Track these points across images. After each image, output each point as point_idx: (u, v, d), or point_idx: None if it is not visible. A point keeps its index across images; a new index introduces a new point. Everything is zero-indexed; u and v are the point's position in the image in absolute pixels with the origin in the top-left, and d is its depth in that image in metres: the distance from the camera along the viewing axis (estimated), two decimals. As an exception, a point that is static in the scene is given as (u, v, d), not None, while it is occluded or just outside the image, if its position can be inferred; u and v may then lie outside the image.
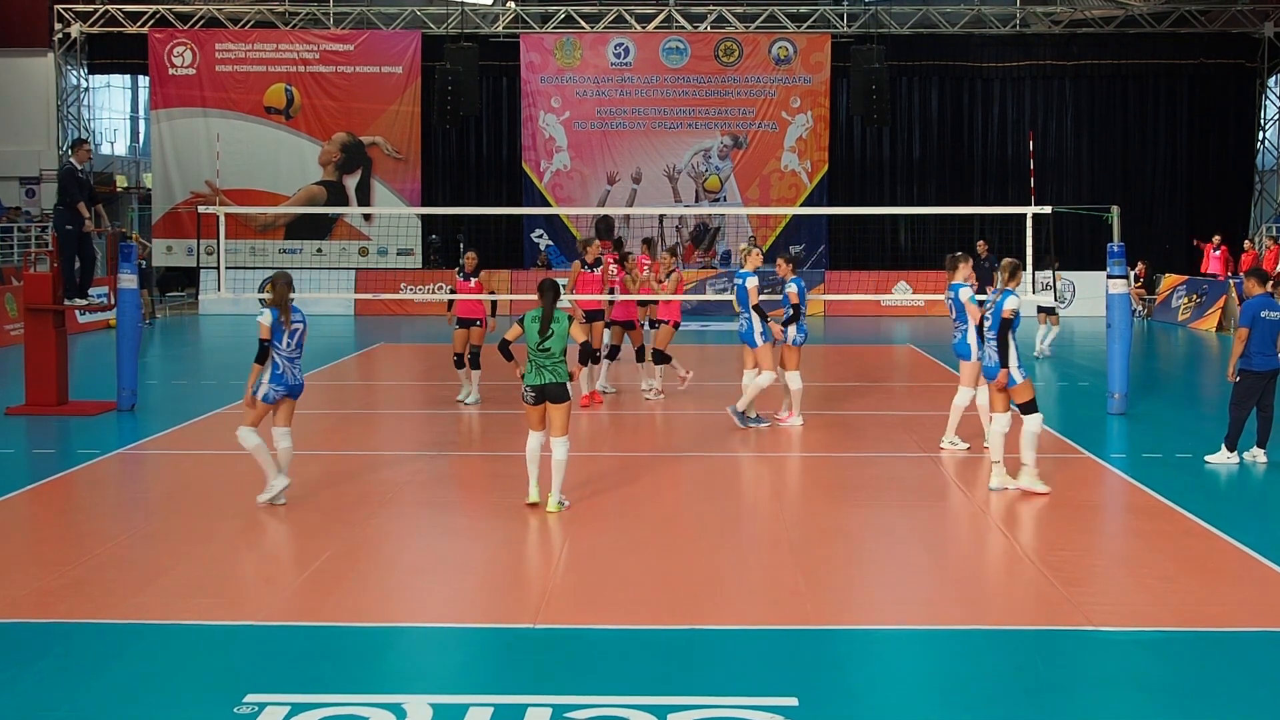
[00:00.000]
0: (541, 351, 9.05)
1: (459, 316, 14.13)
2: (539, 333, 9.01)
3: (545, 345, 9.03)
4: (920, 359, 19.44)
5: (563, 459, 9.15)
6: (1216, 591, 7.42)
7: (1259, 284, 11.04)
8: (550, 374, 9.07)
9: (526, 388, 9.15)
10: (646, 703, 5.66)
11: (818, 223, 29.35)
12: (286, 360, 9.36)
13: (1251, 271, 11.34)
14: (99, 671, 6.07)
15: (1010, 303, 9.81)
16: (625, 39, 29.51)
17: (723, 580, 7.63)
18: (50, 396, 13.67)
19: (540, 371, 9.09)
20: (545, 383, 9.07)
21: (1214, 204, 29.84)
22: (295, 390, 9.42)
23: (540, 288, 9.15)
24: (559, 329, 9.03)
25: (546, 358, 9.06)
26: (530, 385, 9.13)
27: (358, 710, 5.59)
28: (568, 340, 9.11)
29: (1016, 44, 30.01)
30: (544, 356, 9.05)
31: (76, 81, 30.87)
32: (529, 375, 9.14)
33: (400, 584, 7.66)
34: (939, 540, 8.78)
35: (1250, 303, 10.97)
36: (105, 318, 21.24)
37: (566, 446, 9.16)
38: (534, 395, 9.12)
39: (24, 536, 8.82)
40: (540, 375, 9.09)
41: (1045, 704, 5.77)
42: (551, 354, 9.05)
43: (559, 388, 9.09)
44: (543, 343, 9.02)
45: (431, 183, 30.07)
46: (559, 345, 9.05)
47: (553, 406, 9.13)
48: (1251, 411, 10.89)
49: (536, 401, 9.14)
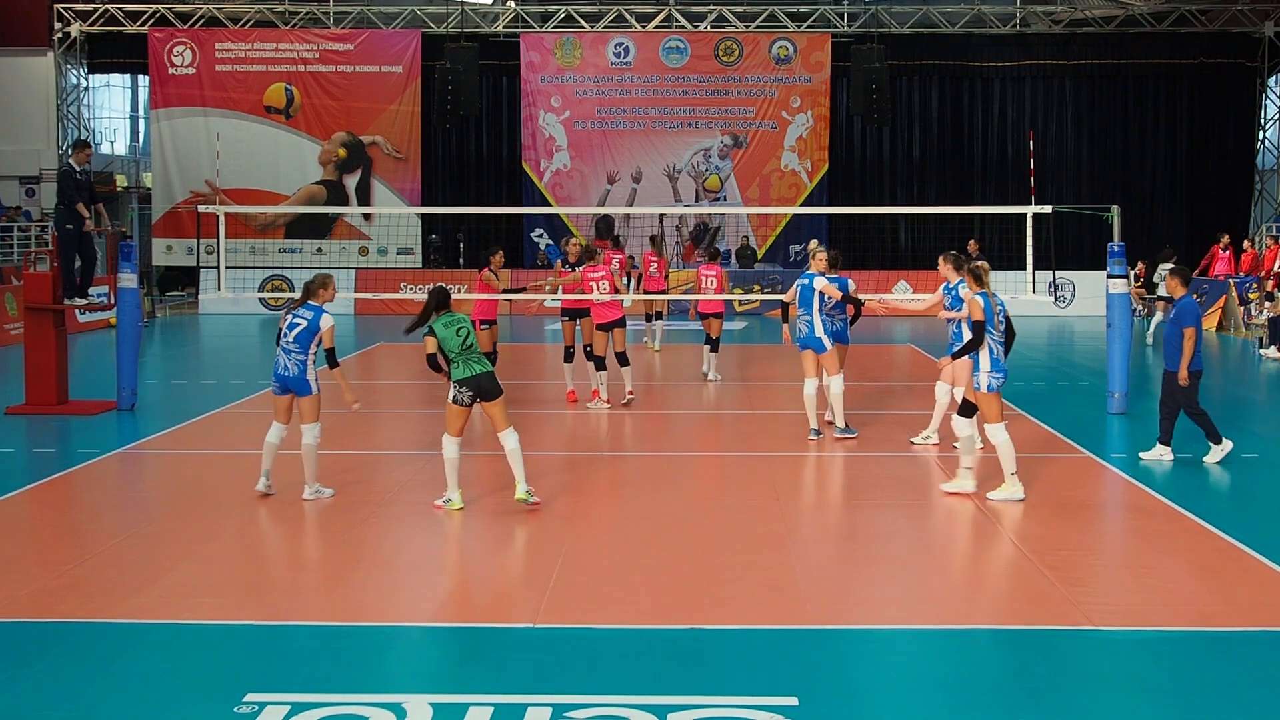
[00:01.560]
0: (468, 349, 9.06)
1: (483, 319, 14.09)
2: (457, 334, 9.06)
3: (469, 342, 9.08)
4: (920, 358, 19.43)
5: (515, 448, 9.14)
6: (1217, 591, 7.42)
7: (1183, 284, 11.00)
8: (478, 365, 9.09)
9: (460, 387, 9.05)
10: (646, 702, 5.66)
11: (818, 222, 29.33)
12: (282, 351, 9.43)
13: (1176, 271, 11.20)
14: (99, 671, 6.07)
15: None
16: (625, 38, 29.51)
17: (723, 580, 7.63)
18: (50, 396, 13.67)
19: (469, 364, 9.07)
20: (478, 373, 9.05)
21: (1214, 204, 29.84)
22: (284, 382, 9.47)
23: (438, 295, 9.27)
24: (468, 323, 9.14)
25: (472, 353, 9.08)
26: (460, 380, 9.04)
27: (358, 710, 5.59)
28: None
29: (1017, 43, 30.01)
30: (470, 353, 9.08)
31: (76, 81, 30.88)
32: (457, 370, 9.07)
33: (400, 583, 7.65)
34: (939, 540, 8.77)
35: (1191, 304, 10.91)
36: (106, 317, 21.24)
37: (515, 436, 9.15)
38: (470, 394, 9.07)
39: (24, 536, 8.81)
40: (470, 368, 9.07)
41: (1045, 703, 5.77)
42: (473, 349, 9.09)
43: (490, 378, 9.09)
44: (466, 340, 9.06)
45: (431, 182, 30.08)
46: (476, 339, 9.16)
47: (487, 405, 9.13)
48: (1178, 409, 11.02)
49: (472, 400, 9.10)
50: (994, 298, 9.72)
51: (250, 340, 22.79)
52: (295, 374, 9.45)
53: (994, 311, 9.61)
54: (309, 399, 9.50)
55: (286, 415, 9.58)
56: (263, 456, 9.66)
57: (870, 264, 26.93)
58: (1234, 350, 21.30)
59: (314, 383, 9.52)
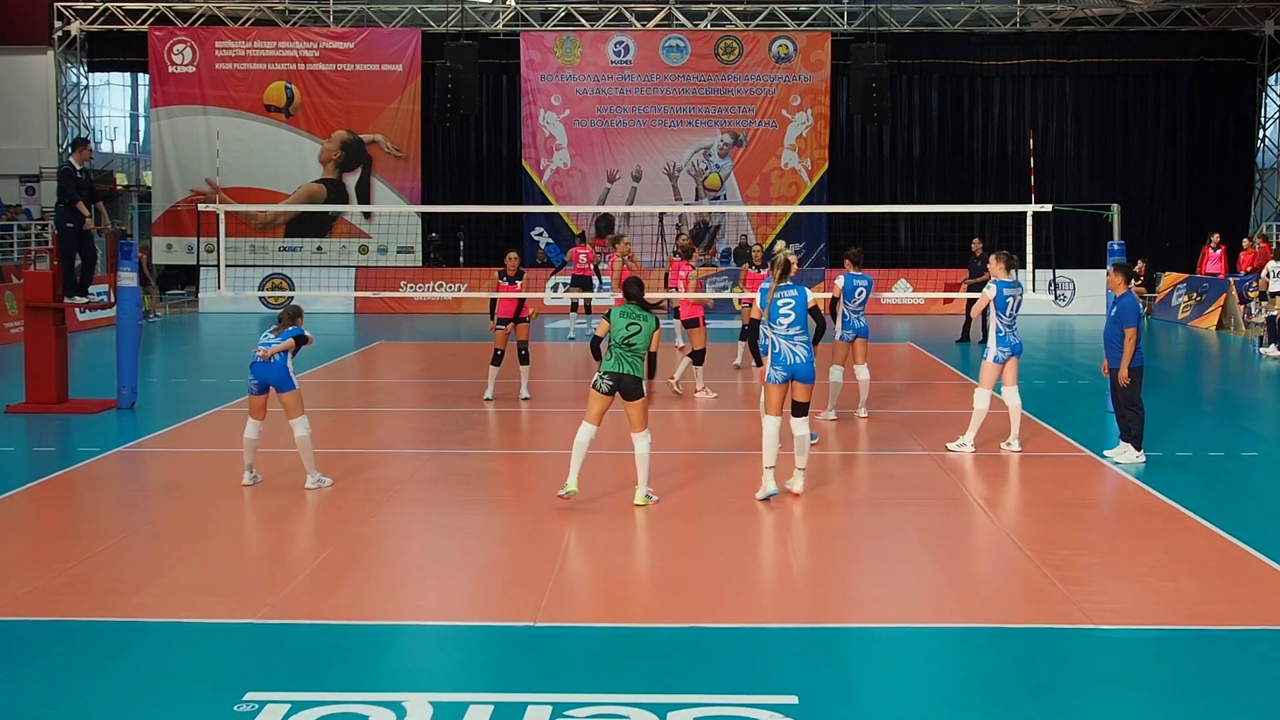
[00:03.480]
0: (627, 346, 9.08)
1: (500, 317, 14.12)
2: (626, 326, 9.08)
3: (631, 340, 9.07)
4: (921, 357, 19.44)
5: (645, 452, 9.18)
6: (1216, 589, 7.42)
7: (1126, 281, 11.00)
8: (629, 365, 9.10)
9: (603, 374, 9.14)
10: (646, 701, 5.66)
11: (818, 221, 29.37)
12: (262, 347, 9.67)
13: (1119, 266, 11.16)
14: (99, 670, 6.07)
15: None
16: (625, 37, 29.50)
17: (723, 579, 7.64)
18: (50, 394, 13.67)
19: (620, 361, 9.11)
20: (623, 372, 9.08)
21: (1214, 202, 29.86)
22: (264, 377, 9.63)
23: (629, 284, 9.30)
24: (645, 326, 9.09)
25: (629, 351, 9.08)
26: (607, 371, 9.12)
27: (358, 708, 5.59)
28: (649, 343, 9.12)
29: (1017, 42, 30.02)
30: (628, 350, 9.08)
31: (76, 79, 30.88)
32: (608, 362, 9.15)
33: (400, 582, 7.66)
34: (939, 538, 8.77)
35: (1133, 301, 10.89)
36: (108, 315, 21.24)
37: (648, 440, 9.19)
38: (609, 384, 9.11)
39: (24, 535, 8.82)
40: (620, 364, 9.10)
41: (1045, 702, 5.77)
42: (635, 348, 9.08)
43: (634, 381, 9.10)
44: (629, 337, 9.07)
45: (431, 181, 30.09)
46: (643, 341, 9.09)
47: (627, 403, 9.16)
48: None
49: (610, 391, 9.13)
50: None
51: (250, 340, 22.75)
52: (276, 369, 9.61)
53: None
54: (291, 394, 9.67)
55: (262, 412, 9.79)
56: (244, 453, 9.85)
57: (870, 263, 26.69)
58: (1233, 349, 21.30)
59: (294, 377, 9.75)
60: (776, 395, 9.51)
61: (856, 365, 12.86)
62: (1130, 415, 10.87)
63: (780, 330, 9.45)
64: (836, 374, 12.85)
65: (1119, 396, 10.92)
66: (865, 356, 12.90)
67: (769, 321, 9.50)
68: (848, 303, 12.70)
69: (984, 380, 11.28)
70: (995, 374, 11.28)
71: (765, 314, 9.55)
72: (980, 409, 11.25)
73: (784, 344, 9.43)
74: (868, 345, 12.92)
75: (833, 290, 12.82)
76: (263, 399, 9.75)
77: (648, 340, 9.11)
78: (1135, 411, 10.86)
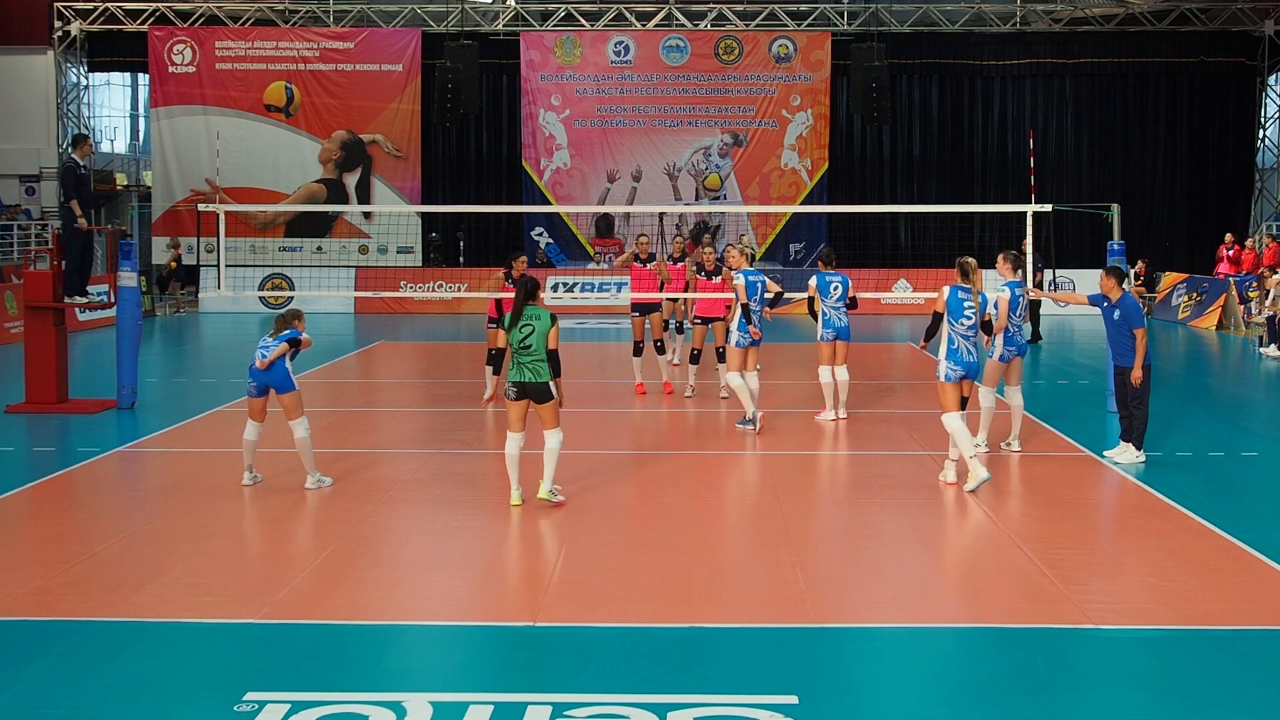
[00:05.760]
0: (521, 349, 9.04)
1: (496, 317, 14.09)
2: (520, 328, 9.01)
3: (526, 343, 9.01)
4: (920, 357, 19.42)
5: (555, 447, 9.18)
6: (1216, 589, 7.42)
7: (1120, 284, 10.98)
8: (530, 372, 9.05)
9: (509, 383, 9.16)
10: (646, 701, 5.66)
11: (818, 221, 29.38)
12: (260, 351, 9.70)
13: (1111, 271, 11.12)
14: (99, 669, 6.07)
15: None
16: (625, 37, 29.50)
17: (723, 578, 7.64)
18: (50, 394, 13.67)
19: (521, 369, 9.07)
20: (525, 380, 9.05)
21: (1214, 202, 29.86)
22: (264, 380, 9.64)
23: (518, 285, 9.26)
24: (539, 326, 8.99)
25: (526, 355, 9.04)
26: (512, 381, 9.12)
27: (358, 708, 5.59)
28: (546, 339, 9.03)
29: (1017, 42, 30.02)
30: (524, 354, 9.05)
31: (76, 79, 30.88)
32: (511, 372, 9.14)
33: (400, 582, 7.66)
34: (938, 538, 8.77)
35: (1135, 303, 10.90)
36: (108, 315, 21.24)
37: (559, 436, 9.19)
38: (516, 391, 9.10)
39: (24, 534, 8.81)
40: (521, 373, 9.07)
41: (1045, 702, 5.77)
42: (531, 351, 9.02)
43: (540, 388, 9.06)
44: (523, 340, 9.01)
45: (431, 181, 30.09)
46: (538, 343, 9.00)
47: (537, 405, 9.14)
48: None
49: (518, 397, 9.12)
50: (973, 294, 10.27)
51: (250, 339, 22.75)
52: (276, 371, 9.62)
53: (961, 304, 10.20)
54: (291, 395, 9.70)
55: (262, 414, 9.82)
56: (244, 454, 9.89)
57: (870, 262, 26.95)
58: (1234, 349, 21.30)
59: (293, 379, 9.78)
60: (954, 392, 9.99)
61: (835, 366, 12.91)
62: (1137, 415, 10.87)
63: (961, 330, 10.01)
64: (825, 374, 12.89)
65: (1130, 396, 10.89)
66: (845, 358, 12.95)
67: (951, 320, 9.99)
68: (825, 300, 12.84)
69: (988, 379, 11.29)
70: (999, 373, 11.29)
71: (945, 311, 10.00)
72: (987, 407, 11.25)
73: (963, 342, 10.01)
74: (849, 347, 12.94)
75: (808, 290, 13.02)
76: (262, 401, 9.77)
77: (543, 340, 9.01)
78: (1143, 411, 10.86)
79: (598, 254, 29.28)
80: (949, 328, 9.99)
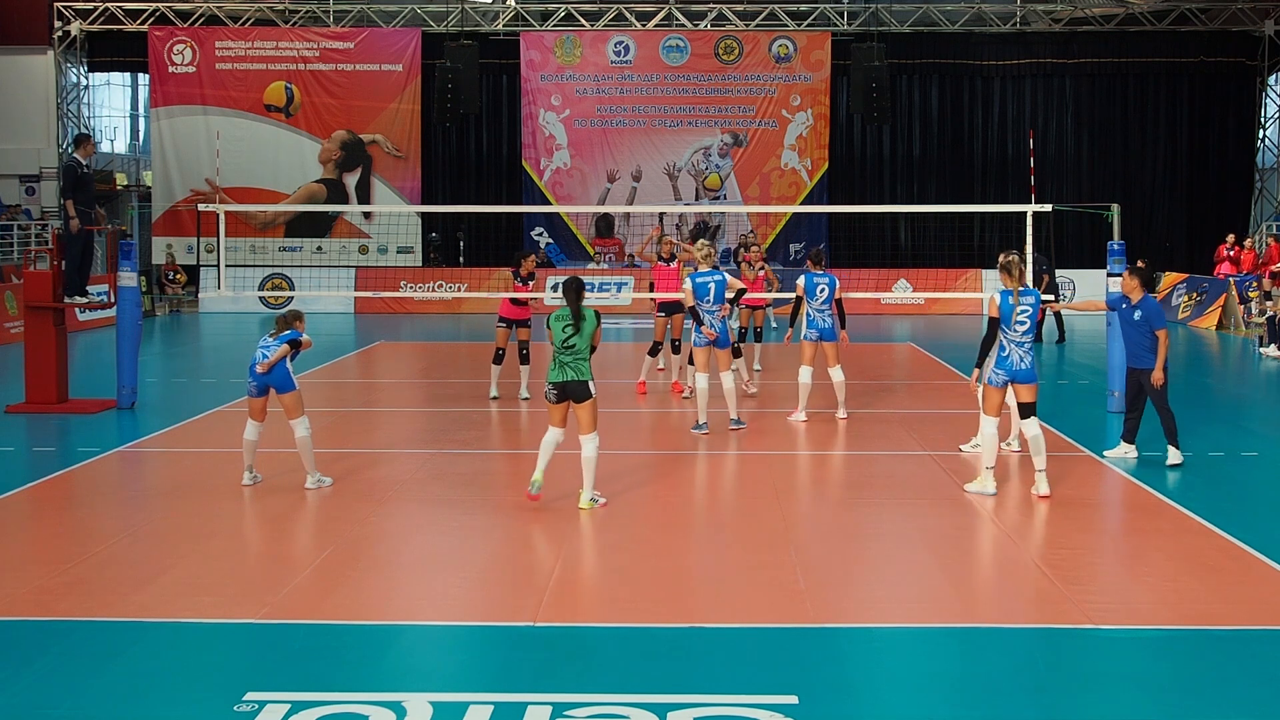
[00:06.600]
0: (566, 349, 9.03)
1: (504, 316, 14.09)
2: (563, 330, 9.01)
3: (570, 342, 9.01)
4: (921, 357, 19.43)
5: (592, 456, 9.14)
6: (1217, 590, 7.42)
7: (1143, 285, 10.95)
8: (572, 370, 9.04)
9: (549, 385, 9.13)
10: (646, 701, 5.66)
11: (818, 221, 29.38)
12: (261, 350, 9.72)
13: (1135, 271, 11.08)
14: (99, 670, 6.07)
15: None
16: (625, 37, 29.51)
17: (723, 578, 7.64)
18: (50, 394, 13.67)
19: (563, 369, 9.06)
20: (567, 380, 9.04)
21: (1214, 202, 29.86)
22: (264, 380, 9.66)
23: (565, 286, 9.17)
24: (585, 326, 9.02)
25: (570, 355, 9.03)
26: (552, 382, 9.10)
27: (358, 708, 5.59)
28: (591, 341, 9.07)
29: (1017, 42, 30.03)
30: (568, 354, 9.04)
31: (76, 79, 30.88)
32: (552, 372, 9.11)
33: (400, 582, 7.66)
34: (939, 538, 8.77)
35: (1157, 304, 10.87)
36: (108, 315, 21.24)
37: (595, 443, 9.14)
38: (556, 393, 9.09)
39: (24, 535, 8.81)
40: (563, 372, 9.06)
41: (1045, 702, 5.77)
42: (575, 351, 9.02)
43: (581, 386, 9.05)
44: (567, 340, 9.01)
45: (431, 181, 30.09)
46: (584, 343, 9.03)
47: (576, 405, 9.11)
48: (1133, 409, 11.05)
49: (559, 399, 9.10)
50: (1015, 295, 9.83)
51: (250, 339, 22.76)
52: (276, 371, 9.63)
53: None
54: (291, 395, 9.71)
55: (262, 414, 9.83)
56: (244, 454, 9.89)
57: (870, 262, 26.98)
58: (1234, 349, 21.30)
59: (294, 378, 9.79)
60: (998, 397, 9.72)
61: (830, 368, 12.90)
62: (1163, 416, 10.87)
63: (1014, 336, 9.60)
64: (805, 375, 12.88)
65: (1151, 398, 10.84)
66: (838, 359, 12.93)
67: (1005, 326, 9.56)
68: (811, 301, 12.84)
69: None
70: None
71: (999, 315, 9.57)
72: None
73: (1015, 349, 9.60)
74: (838, 348, 12.90)
75: (796, 291, 13.00)
76: (262, 401, 9.78)
77: (588, 341, 9.04)
78: (1167, 412, 10.85)
79: (597, 254, 29.29)
80: (1001, 335, 9.63)
